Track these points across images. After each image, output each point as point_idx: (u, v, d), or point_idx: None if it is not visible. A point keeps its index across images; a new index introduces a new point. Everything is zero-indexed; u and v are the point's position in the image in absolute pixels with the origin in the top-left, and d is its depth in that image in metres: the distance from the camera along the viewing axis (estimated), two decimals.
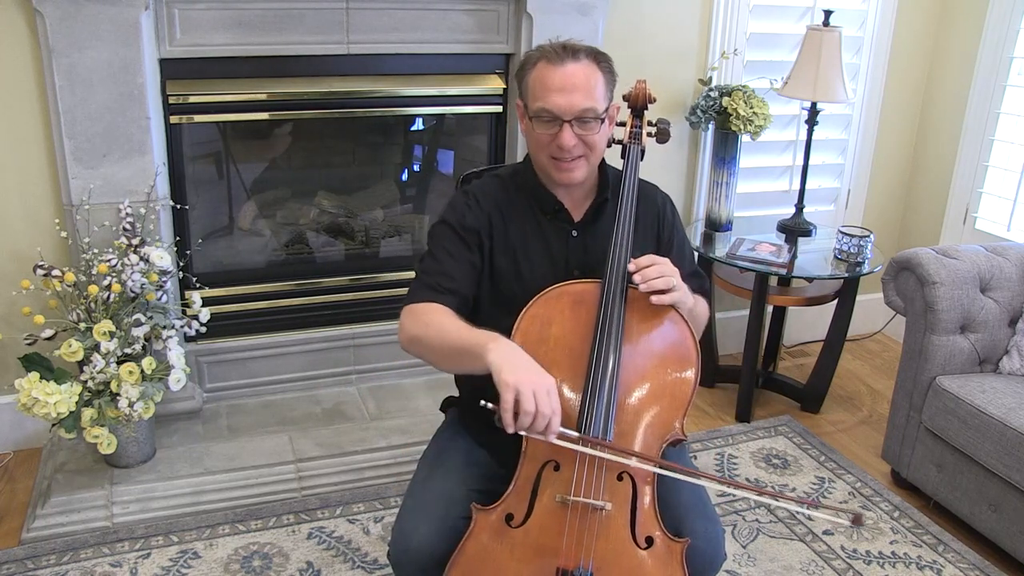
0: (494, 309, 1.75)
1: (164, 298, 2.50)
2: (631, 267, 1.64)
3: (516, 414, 1.41)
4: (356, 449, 2.70)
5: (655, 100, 1.82)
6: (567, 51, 1.65)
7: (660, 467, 1.55)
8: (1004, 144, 3.32)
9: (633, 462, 1.53)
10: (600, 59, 1.69)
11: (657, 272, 1.63)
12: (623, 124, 1.82)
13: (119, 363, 2.37)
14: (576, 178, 1.72)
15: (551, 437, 1.44)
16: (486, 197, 1.78)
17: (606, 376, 1.57)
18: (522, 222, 1.78)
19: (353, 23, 2.66)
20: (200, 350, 2.83)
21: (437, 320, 1.62)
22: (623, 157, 1.80)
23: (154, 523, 2.43)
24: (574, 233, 1.78)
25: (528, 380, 1.41)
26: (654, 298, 1.62)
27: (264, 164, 3.11)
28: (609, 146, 1.77)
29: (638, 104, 1.81)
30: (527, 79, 1.70)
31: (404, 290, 1.76)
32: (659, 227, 1.84)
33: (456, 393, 1.95)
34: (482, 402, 1.46)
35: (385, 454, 2.70)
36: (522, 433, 1.44)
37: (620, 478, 1.55)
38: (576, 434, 1.50)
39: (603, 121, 1.68)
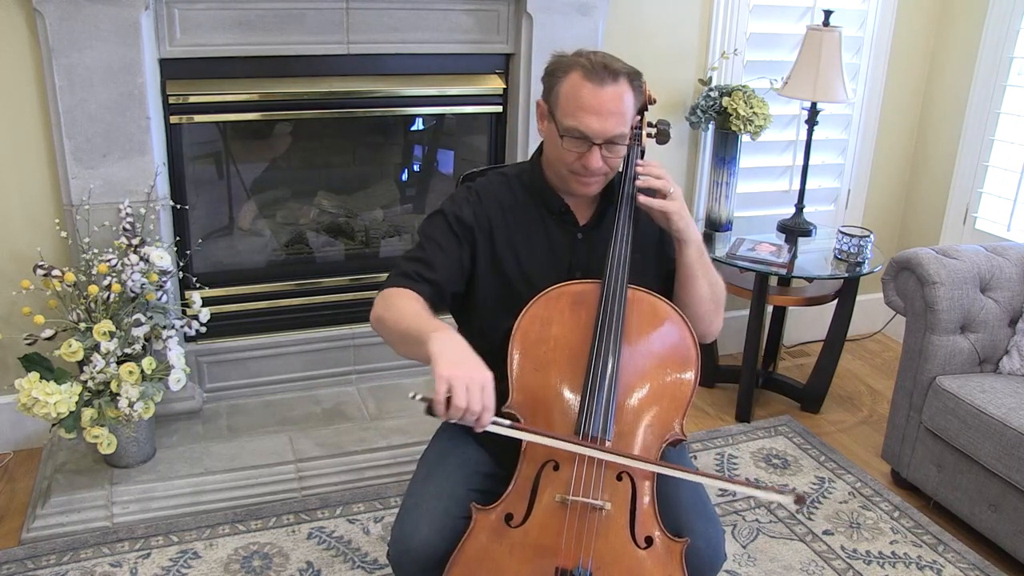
0: (496, 308, 1.75)
1: (164, 298, 2.50)
2: (638, 168, 1.68)
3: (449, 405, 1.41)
4: (356, 449, 2.70)
5: (655, 101, 1.81)
6: (608, 72, 1.61)
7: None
8: (1004, 144, 3.32)
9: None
10: (633, 78, 1.66)
11: (658, 173, 1.67)
12: None
13: (119, 363, 2.37)
14: (593, 192, 1.73)
15: (479, 429, 1.44)
16: (490, 195, 1.78)
17: (605, 376, 1.57)
18: (527, 222, 1.77)
19: (353, 23, 2.66)
20: (200, 350, 2.83)
21: (401, 304, 1.61)
22: (623, 158, 1.80)
23: (154, 523, 2.43)
24: (579, 235, 1.78)
25: (463, 375, 1.40)
26: (641, 198, 1.66)
27: (264, 164, 3.11)
28: None
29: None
30: (559, 87, 1.65)
31: None
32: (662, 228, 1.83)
33: None
34: (411, 394, 1.45)
35: (385, 454, 2.70)
36: (453, 421, 1.43)
37: (619, 478, 1.55)
38: (501, 423, 1.49)
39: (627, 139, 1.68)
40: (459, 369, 1.41)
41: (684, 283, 1.73)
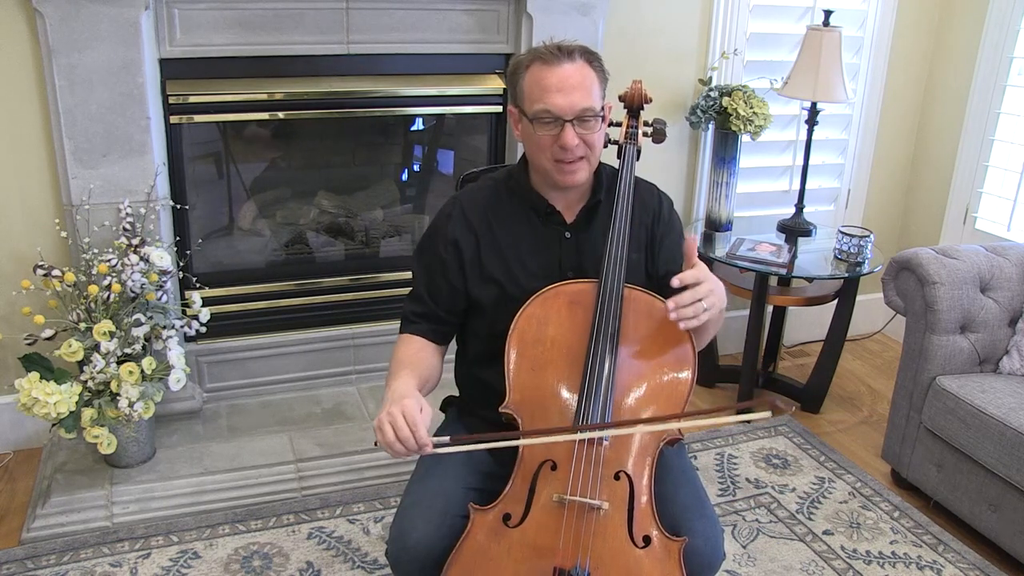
0: (491, 312, 1.75)
1: (164, 298, 2.50)
2: (675, 282, 1.55)
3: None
4: (356, 449, 2.70)
5: (651, 100, 1.81)
6: (562, 52, 1.65)
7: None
8: (1004, 144, 3.31)
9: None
10: (592, 58, 1.68)
11: (691, 298, 1.52)
12: (619, 124, 1.82)
13: (119, 363, 2.38)
14: (579, 179, 1.72)
15: (427, 450, 1.50)
16: (473, 204, 1.79)
17: (602, 376, 1.57)
18: (514, 225, 1.77)
19: (353, 23, 2.67)
20: (200, 350, 2.83)
21: (397, 356, 1.77)
22: (619, 157, 1.80)
23: (154, 523, 2.43)
24: (567, 235, 1.78)
25: (383, 414, 1.52)
26: (682, 324, 1.54)
27: (264, 164, 3.11)
28: (605, 146, 1.77)
29: (634, 104, 1.81)
30: (521, 83, 1.68)
31: (404, 290, 1.79)
32: (653, 223, 1.81)
33: (456, 393, 1.96)
34: (374, 442, 1.56)
35: (385, 454, 2.69)
36: (440, 450, 1.53)
37: (617, 477, 1.55)
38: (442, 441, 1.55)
39: (601, 120, 1.68)
40: (382, 412, 1.53)
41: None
